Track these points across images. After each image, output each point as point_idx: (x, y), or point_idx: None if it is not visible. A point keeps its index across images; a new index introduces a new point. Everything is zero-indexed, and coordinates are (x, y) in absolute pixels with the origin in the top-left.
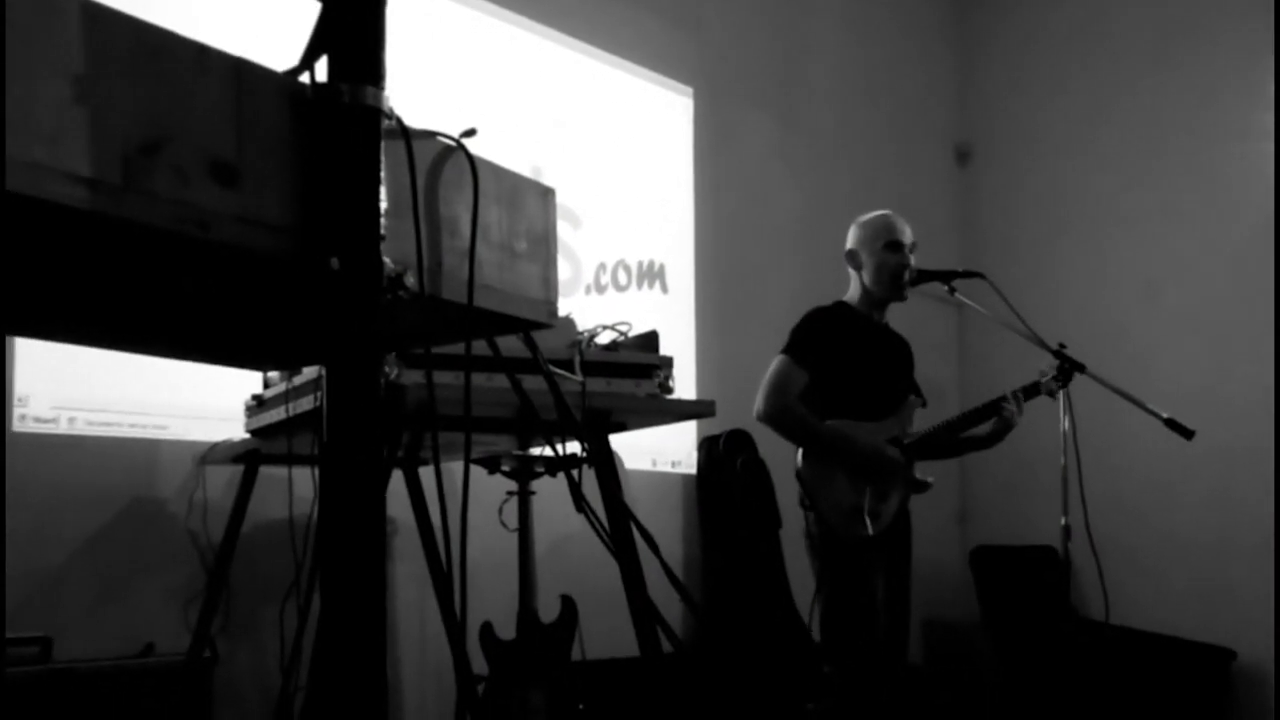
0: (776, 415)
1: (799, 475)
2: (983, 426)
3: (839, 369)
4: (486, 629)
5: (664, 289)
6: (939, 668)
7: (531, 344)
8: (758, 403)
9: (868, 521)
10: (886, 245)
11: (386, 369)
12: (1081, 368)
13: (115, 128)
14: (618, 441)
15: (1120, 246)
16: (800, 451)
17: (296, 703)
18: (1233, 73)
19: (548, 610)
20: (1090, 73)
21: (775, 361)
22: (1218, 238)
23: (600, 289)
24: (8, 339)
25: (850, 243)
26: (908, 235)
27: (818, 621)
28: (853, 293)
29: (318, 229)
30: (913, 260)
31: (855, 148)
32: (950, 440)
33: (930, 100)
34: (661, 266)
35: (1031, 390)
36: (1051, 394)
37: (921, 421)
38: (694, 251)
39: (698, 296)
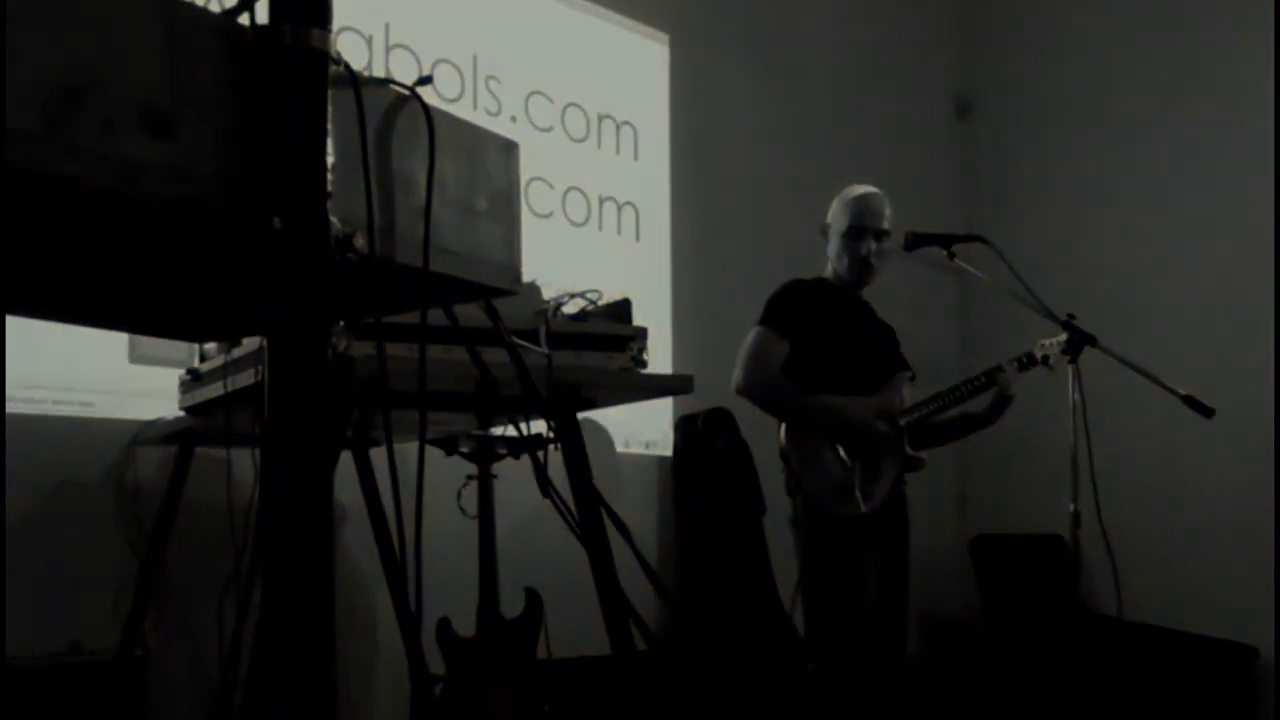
0: (757, 387)
1: (783, 453)
2: (979, 401)
3: (821, 342)
4: (444, 625)
5: (636, 237)
6: (935, 666)
7: (493, 313)
8: (736, 375)
9: (859, 499)
10: (849, 230)
11: (334, 340)
12: (1092, 340)
13: (33, 72)
14: (586, 420)
15: (1135, 208)
16: (783, 428)
17: (235, 703)
18: (1256, 20)
19: (511, 604)
20: (1101, 18)
21: (753, 332)
22: (1243, 200)
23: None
24: None
25: (827, 216)
26: (879, 220)
27: (802, 614)
28: (830, 268)
29: (258, 185)
30: (886, 245)
31: (846, 100)
32: (947, 420)
33: (928, 48)
34: (637, 223)
35: (1027, 360)
36: (1049, 364)
37: (916, 399)
38: (670, 215)
39: (674, 262)
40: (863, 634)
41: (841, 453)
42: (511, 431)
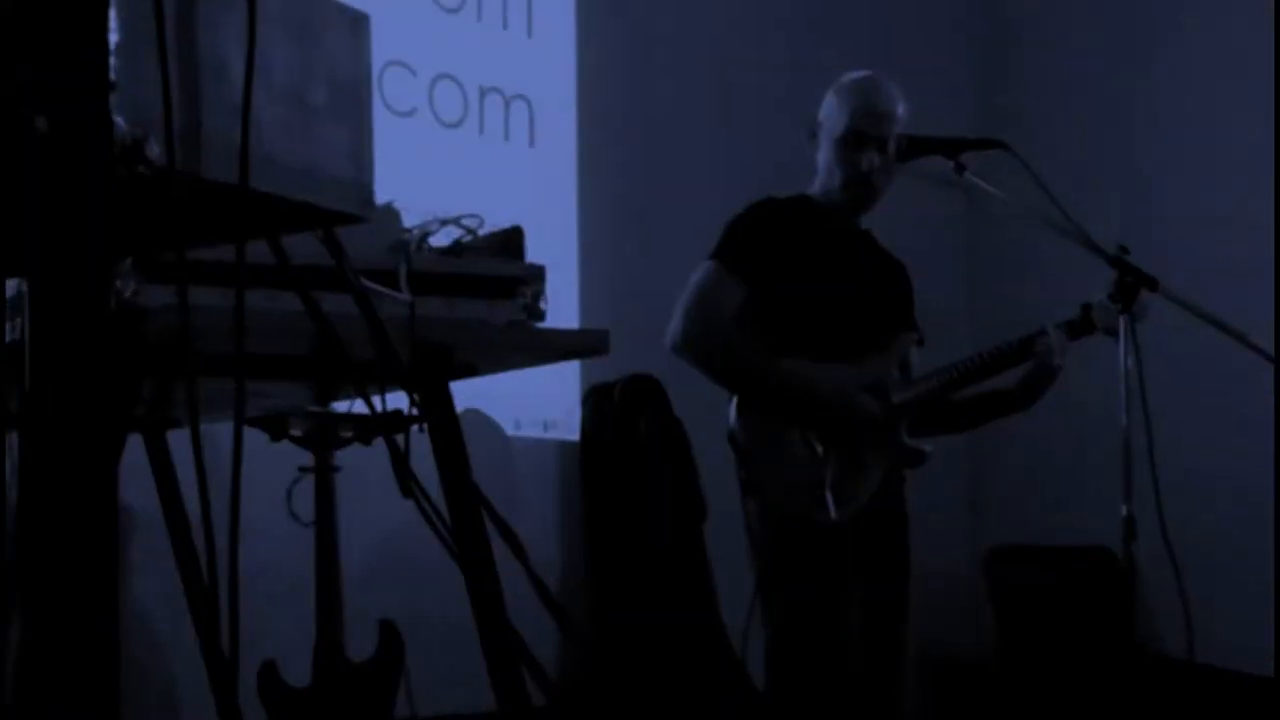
0: (698, 342)
1: (733, 437)
2: (1007, 377)
3: (795, 286)
4: (269, 670)
5: (530, 142)
6: None
7: (335, 246)
8: (672, 325)
9: (830, 501)
10: (846, 136)
11: (118, 284)
12: (1152, 283)
13: None
14: (464, 393)
15: (1208, 105)
16: (734, 402)
17: None
18: None
19: (361, 643)
20: None
21: (700, 269)
22: None
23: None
24: None
25: (820, 113)
26: (886, 122)
27: (762, 655)
28: (819, 183)
29: (11, 75)
30: (889, 151)
31: None
32: (964, 400)
33: None
34: (531, 123)
35: (1081, 325)
36: (1110, 330)
37: (922, 369)
38: (576, 112)
39: (583, 177)
40: (842, 682)
41: (813, 439)
42: (361, 408)
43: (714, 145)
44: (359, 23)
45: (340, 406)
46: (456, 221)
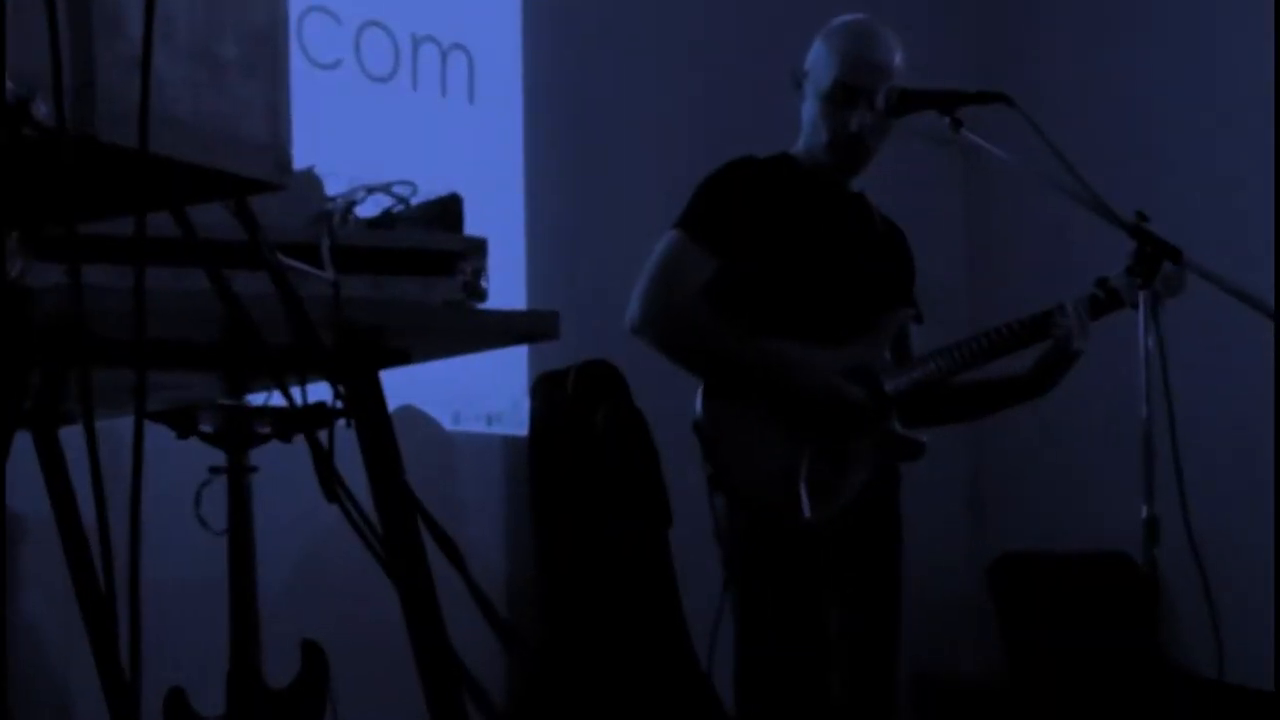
0: (659, 322)
1: (698, 426)
2: (1018, 359)
3: (772, 257)
4: (176, 698)
5: (470, 99)
6: None
7: (249, 219)
8: (631, 303)
9: (804, 495)
10: (834, 90)
11: (3, 262)
12: (1176, 255)
13: None
14: (397, 383)
15: (1238, 58)
16: (701, 391)
17: None
18: None
19: (281, 666)
20: None
21: (663, 240)
22: None
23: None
24: None
25: (806, 61)
26: (881, 75)
27: (730, 672)
28: (802, 140)
29: None
30: (878, 107)
31: None
32: (969, 386)
33: None
34: (470, 76)
35: (1107, 301)
36: (1132, 303)
37: (919, 349)
38: (522, 64)
39: (530, 139)
40: (817, 703)
41: (787, 428)
42: (279, 401)
43: (678, 100)
44: None
45: (256, 399)
46: (386, 189)
